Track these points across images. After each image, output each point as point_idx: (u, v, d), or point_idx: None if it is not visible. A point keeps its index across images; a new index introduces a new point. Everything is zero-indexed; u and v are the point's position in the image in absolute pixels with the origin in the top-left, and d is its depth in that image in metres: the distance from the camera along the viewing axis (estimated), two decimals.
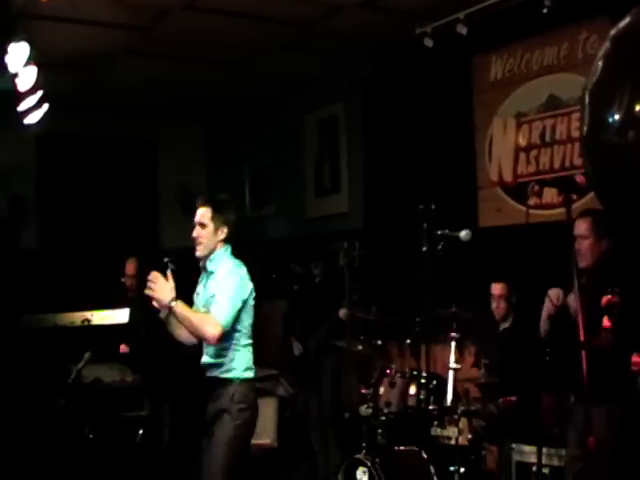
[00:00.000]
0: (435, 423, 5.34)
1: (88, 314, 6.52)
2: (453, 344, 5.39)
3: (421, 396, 5.45)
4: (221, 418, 4.11)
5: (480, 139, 6.48)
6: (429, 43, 6.26)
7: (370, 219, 7.68)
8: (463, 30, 5.97)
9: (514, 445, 5.02)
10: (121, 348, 6.63)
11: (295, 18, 6.46)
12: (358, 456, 5.36)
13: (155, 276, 4.07)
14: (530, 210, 5.35)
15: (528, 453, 4.91)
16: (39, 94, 6.05)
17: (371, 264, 6.94)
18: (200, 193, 4.85)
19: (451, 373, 5.32)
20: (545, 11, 5.52)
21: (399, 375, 5.75)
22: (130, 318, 6.66)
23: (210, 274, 4.27)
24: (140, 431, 6.39)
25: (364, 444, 5.46)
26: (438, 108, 6.78)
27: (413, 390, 5.58)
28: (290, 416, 6.86)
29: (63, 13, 6.05)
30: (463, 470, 5.07)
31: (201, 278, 4.37)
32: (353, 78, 7.81)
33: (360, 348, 6.13)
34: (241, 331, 4.19)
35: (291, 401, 6.85)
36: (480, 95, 6.50)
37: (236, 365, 4.17)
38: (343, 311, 6.47)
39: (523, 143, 6.11)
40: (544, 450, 4.72)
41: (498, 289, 5.57)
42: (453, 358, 5.35)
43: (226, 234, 4.25)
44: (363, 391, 5.82)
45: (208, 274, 4.29)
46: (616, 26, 2.90)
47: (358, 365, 6.72)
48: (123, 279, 6.92)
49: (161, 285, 4.05)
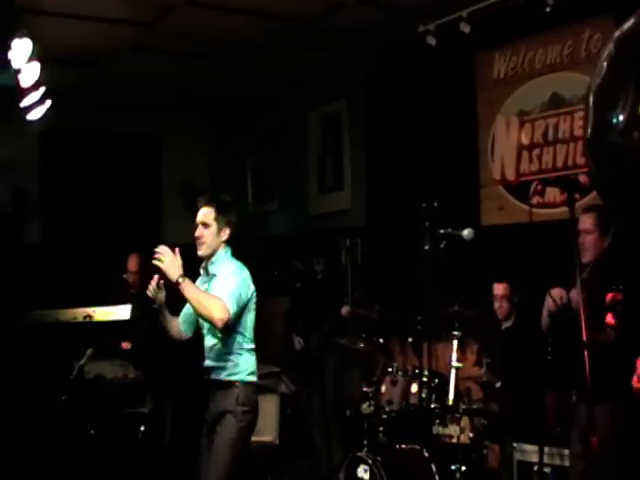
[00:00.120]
0: (437, 421, 5.36)
1: (90, 310, 6.49)
2: (455, 342, 5.40)
3: (423, 394, 5.45)
4: (225, 419, 4.10)
5: (483, 137, 6.46)
6: (432, 41, 6.25)
7: (373, 216, 7.67)
8: (466, 28, 5.96)
9: (516, 444, 5.03)
10: (123, 344, 6.63)
11: (298, 15, 6.46)
12: (359, 454, 5.38)
13: (164, 249, 4.02)
14: (533, 209, 5.36)
15: (530, 452, 4.92)
16: (42, 90, 6.07)
17: (373, 261, 6.95)
18: (203, 190, 4.84)
19: (453, 371, 5.33)
20: (548, 9, 5.50)
21: (401, 373, 5.76)
22: (132, 314, 6.64)
23: (212, 277, 4.23)
24: (142, 427, 6.38)
25: (365, 442, 5.48)
26: (441, 106, 6.76)
27: (415, 388, 5.59)
28: (292, 413, 6.86)
29: (66, 9, 6.06)
30: (464, 469, 5.09)
31: (201, 281, 4.29)
32: (355, 75, 7.79)
33: (362, 346, 6.13)
34: (245, 335, 4.19)
35: (293, 398, 6.84)
36: (483, 93, 6.48)
37: (240, 369, 4.17)
38: (345, 308, 6.47)
39: (526, 141, 6.09)
40: (546, 449, 4.73)
41: (500, 289, 5.57)
42: (455, 356, 5.37)
43: (228, 235, 4.23)
44: (365, 389, 5.83)
45: (210, 277, 4.24)
46: (620, 27, 2.89)
47: (360, 363, 6.73)
48: (125, 275, 6.92)
49: (170, 259, 4.00)
